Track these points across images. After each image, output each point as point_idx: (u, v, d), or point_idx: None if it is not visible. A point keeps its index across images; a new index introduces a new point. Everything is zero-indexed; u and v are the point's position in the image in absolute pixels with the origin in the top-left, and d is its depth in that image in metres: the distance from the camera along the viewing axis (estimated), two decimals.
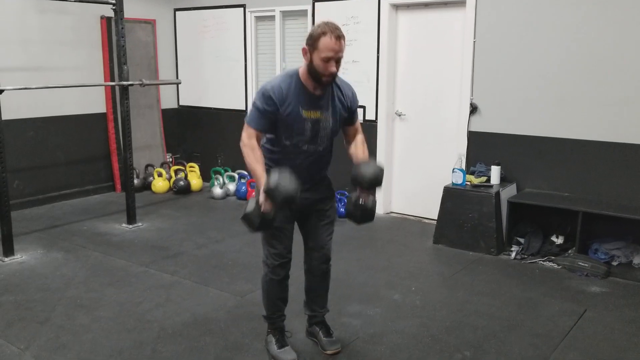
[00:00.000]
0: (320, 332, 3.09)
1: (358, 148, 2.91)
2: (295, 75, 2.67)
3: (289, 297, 3.02)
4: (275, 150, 2.77)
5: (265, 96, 2.61)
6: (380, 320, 3.39)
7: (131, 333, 3.26)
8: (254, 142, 2.65)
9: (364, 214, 2.81)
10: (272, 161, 2.77)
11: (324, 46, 2.51)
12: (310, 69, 2.59)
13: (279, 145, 2.74)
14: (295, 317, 3.29)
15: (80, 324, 3.37)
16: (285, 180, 2.49)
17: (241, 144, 2.66)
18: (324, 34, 2.52)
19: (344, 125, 2.87)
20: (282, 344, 2.99)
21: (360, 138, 2.95)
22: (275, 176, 2.49)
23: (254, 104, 2.66)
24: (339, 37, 2.54)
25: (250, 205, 2.57)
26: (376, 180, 2.76)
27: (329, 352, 3.02)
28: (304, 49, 2.61)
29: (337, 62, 2.57)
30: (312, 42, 2.55)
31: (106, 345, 3.12)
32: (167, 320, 3.42)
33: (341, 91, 2.76)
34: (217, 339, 3.16)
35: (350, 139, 2.95)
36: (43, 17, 5.86)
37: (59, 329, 3.31)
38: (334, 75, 2.59)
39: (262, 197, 2.54)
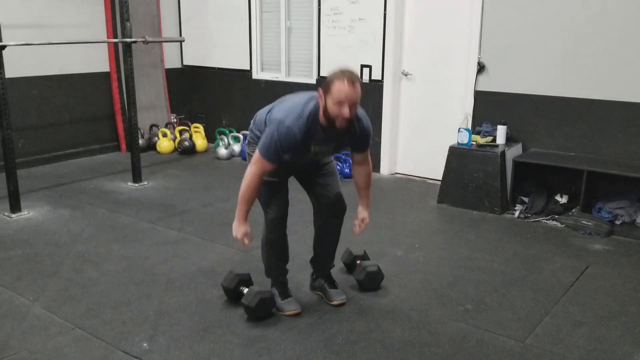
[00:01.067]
0: (325, 284, 3.15)
1: (362, 188, 3.00)
2: (314, 114, 2.63)
3: (289, 254, 3.10)
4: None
5: (285, 134, 2.59)
6: (385, 276, 3.43)
7: (139, 286, 3.31)
8: (257, 181, 2.68)
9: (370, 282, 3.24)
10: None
11: (336, 90, 2.51)
12: (325, 112, 2.59)
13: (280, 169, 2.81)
14: (299, 271, 3.34)
15: (88, 277, 3.42)
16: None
17: (247, 173, 2.69)
18: (338, 78, 2.52)
19: (352, 150, 2.90)
20: (285, 295, 3.04)
21: (366, 172, 2.98)
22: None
23: (271, 136, 2.61)
24: (353, 81, 2.52)
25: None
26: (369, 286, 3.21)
27: (335, 302, 3.07)
28: (319, 91, 2.62)
29: (352, 106, 2.54)
30: (326, 86, 2.56)
31: (114, 297, 3.18)
32: (173, 273, 3.47)
33: (359, 128, 2.75)
34: (222, 291, 3.21)
35: (356, 165, 2.97)
36: None
37: (67, 281, 3.37)
38: (347, 120, 2.57)
39: (242, 233, 2.80)
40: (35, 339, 2.75)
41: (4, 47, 4.25)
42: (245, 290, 2.99)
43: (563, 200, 4.60)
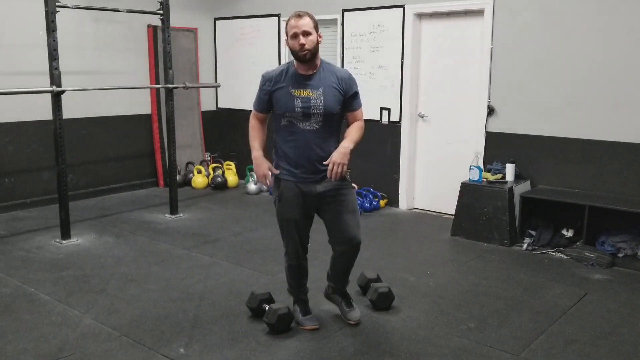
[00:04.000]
0: (342, 302, 3.46)
1: (349, 129, 3.16)
2: (290, 63, 3.11)
3: (309, 276, 3.44)
4: (279, 139, 3.16)
5: (262, 79, 3.13)
6: (396, 297, 3.76)
7: (175, 302, 3.73)
8: (255, 121, 3.20)
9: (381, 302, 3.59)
10: (280, 148, 3.16)
11: (288, 27, 2.98)
12: (292, 52, 3.01)
13: (280, 129, 3.13)
14: (319, 292, 3.70)
15: (131, 294, 3.86)
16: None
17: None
18: (288, 19, 2.99)
19: (344, 111, 3.14)
20: (306, 311, 3.40)
21: (358, 123, 3.18)
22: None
23: (258, 88, 3.16)
24: (300, 15, 2.96)
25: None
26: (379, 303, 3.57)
27: (352, 321, 3.40)
28: (285, 41, 3.07)
29: (306, 35, 2.93)
30: (285, 30, 3.02)
31: (154, 311, 3.60)
32: (207, 292, 3.88)
33: (336, 75, 3.09)
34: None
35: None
36: (97, 26, 6.46)
37: (113, 298, 3.81)
38: (305, 48, 2.94)
39: (263, 169, 3.11)
40: (88, 344, 3.17)
41: (62, 92, 4.84)
42: (267, 307, 3.37)
43: (569, 234, 4.88)
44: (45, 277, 4.15)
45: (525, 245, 4.86)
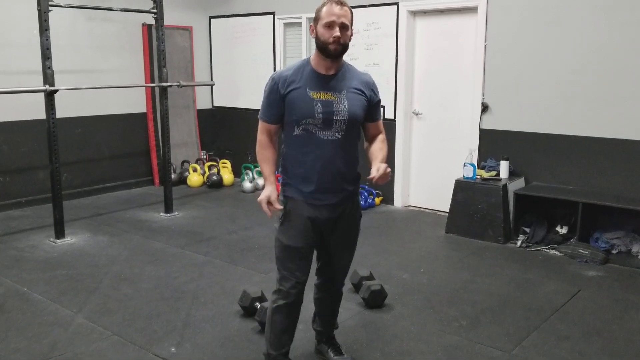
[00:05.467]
0: (329, 350, 2.96)
1: (376, 146, 2.66)
2: (306, 60, 2.59)
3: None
4: (291, 152, 2.59)
5: (271, 81, 2.54)
6: (389, 295, 3.75)
7: (168, 301, 3.73)
8: (265, 138, 2.60)
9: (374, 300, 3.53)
10: (292, 163, 2.59)
11: (325, 13, 2.46)
12: (318, 43, 2.49)
13: (292, 141, 2.56)
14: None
15: (124, 293, 3.85)
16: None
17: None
18: (324, 4, 2.49)
19: (365, 120, 2.64)
20: None
21: (381, 137, 2.70)
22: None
23: (265, 91, 2.58)
24: (341, 2, 2.46)
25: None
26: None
27: None
28: (310, 27, 2.57)
29: (343, 28, 2.45)
30: (316, 15, 2.51)
31: (146, 309, 3.60)
32: (199, 291, 3.88)
33: (359, 79, 2.60)
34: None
35: (370, 140, 2.71)
36: (91, 25, 6.44)
37: (105, 297, 3.80)
38: (339, 42, 2.44)
39: (264, 197, 2.51)
40: (79, 343, 3.17)
41: (55, 91, 4.83)
42: (259, 306, 3.36)
43: (563, 230, 4.88)
44: (38, 276, 4.15)
45: (519, 242, 4.86)
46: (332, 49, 2.46)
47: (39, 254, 4.63)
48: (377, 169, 2.46)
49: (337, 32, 2.43)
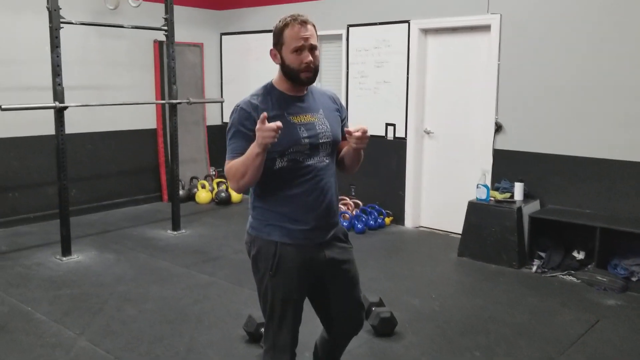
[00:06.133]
0: None
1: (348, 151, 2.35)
2: (268, 85, 2.29)
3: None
4: (272, 191, 2.22)
5: (240, 111, 2.19)
6: (399, 322, 3.63)
7: (172, 324, 3.63)
8: (233, 161, 2.16)
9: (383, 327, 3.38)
10: (275, 203, 2.22)
11: (290, 38, 2.15)
12: (284, 70, 2.22)
13: (273, 178, 2.18)
14: None
15: (128, 315, 3.77)
16: None
17: (228, 181, 2.21)
18: (286, 25, 2.17)
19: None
20: None
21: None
22: None
23: (228, 133, 2.21)
24: (305, 22, 2.16)
25: None
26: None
27: None
28: (271, 52, 2.25)
29: (312, 50, 2.17)
30: (277, 39, 2.20)
31: (150, 333, 3.51)
32: (203, 314, 3.78)
33: (327, 95, 2.41)
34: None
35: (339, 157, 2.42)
36: (103, 41, 6.44)
37: (109, 318, 3.72)
38: (311, 67, 2.18)
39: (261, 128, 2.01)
40: None
41: (65, 108, 4.80)
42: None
43: (580, 256, 4.74)
44: (42, 295, 4.08)
45: (534, 268, 4.72)
46: (305, 78, 2.19)
47: (45, 271, 4.56)
48: (356, 129, 2.17)
49: (308, 57, 2.16)
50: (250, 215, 2.34)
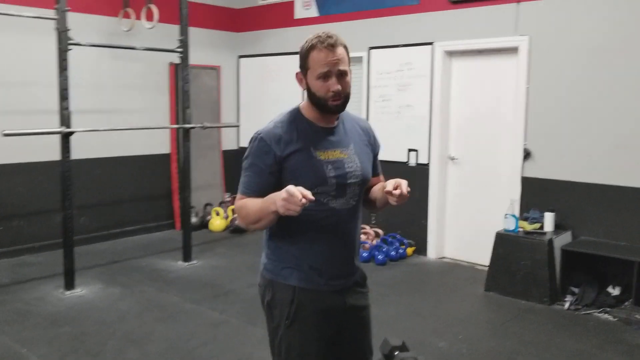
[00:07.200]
0: None
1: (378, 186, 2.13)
2: (295, 110, 2.04)
3: None
4: (291, 234, 1.99)
5: (259, 142, 1.98)
6: None
7: None
8: (243, 204, 1.96)
9: None
10: (295, 247, 2.00)
11: (315, 62, 1.91)
12: (311, 97, 1.98)
13: (295, 220, 1.85)
14: None
15: (130, 359, 3.51)
16: None
17: (237, 217, 2.06)
18: (312, 48, 1.92)
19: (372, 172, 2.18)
20: None
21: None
22: None
23: (244, 160, 2.02)
24: (333, 45, 1.91)
25: None
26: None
27: None
28: (297, 75, 2.01)
29: (340, 76, 1.93)
30: (302, 61, 1.97)
31: None
32: (212, 358, 3.51)
33: (359, 125, 2.15)
34: None
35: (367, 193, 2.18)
36: (116, 63, 6.29)
37: None
38: (340, 95, 1.94)
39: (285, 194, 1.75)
40: None
41: (71, 133, 4.62)
42: None
43: (615, 292, 4.39)
44: (40, 334, 3.84)
45: (567, 304, 4.38)
46: (334, 106, 1.95)
47: (45, 307, 4.33)
48: (395, 185, 1.93)
49: (335, 85, 1.91)
50: (264, 254, 2.10)
